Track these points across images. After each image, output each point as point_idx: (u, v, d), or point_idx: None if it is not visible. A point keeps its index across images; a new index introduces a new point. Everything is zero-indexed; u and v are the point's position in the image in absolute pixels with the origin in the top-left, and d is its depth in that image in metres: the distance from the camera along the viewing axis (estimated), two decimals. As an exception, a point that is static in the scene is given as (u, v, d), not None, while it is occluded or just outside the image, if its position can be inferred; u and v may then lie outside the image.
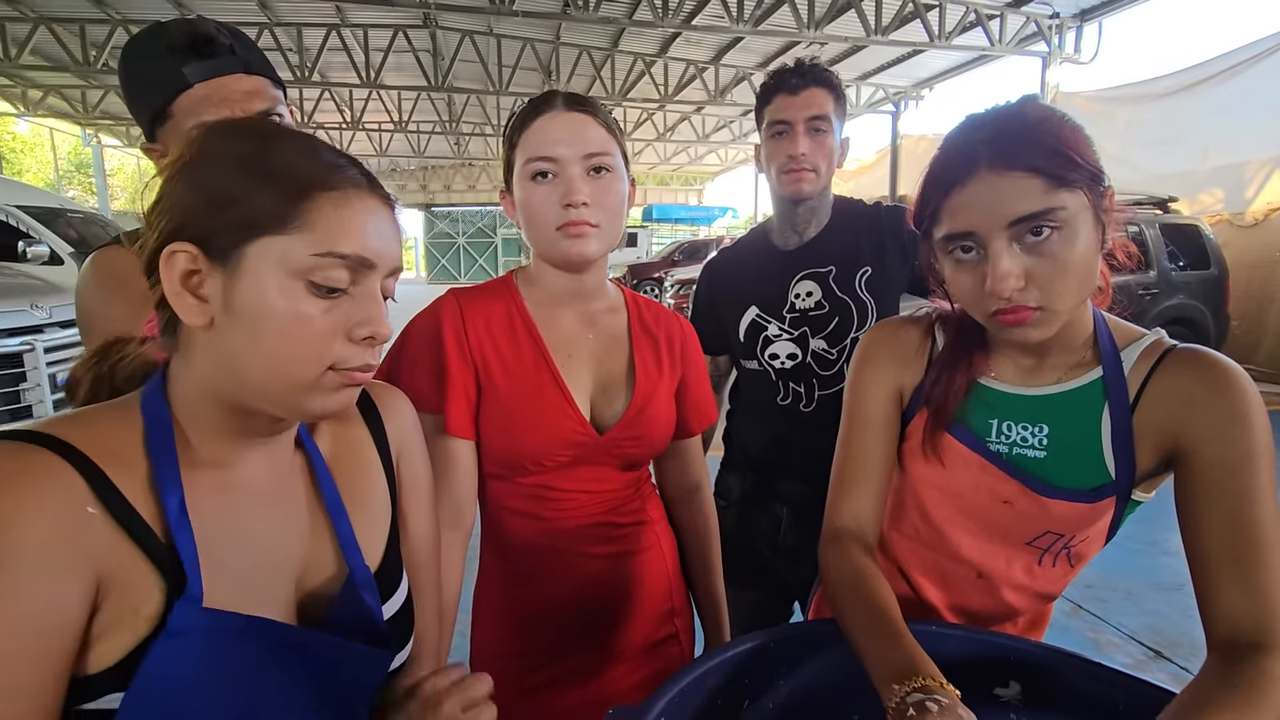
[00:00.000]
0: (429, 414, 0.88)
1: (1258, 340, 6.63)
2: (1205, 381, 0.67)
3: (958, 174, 0.67)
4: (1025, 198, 0.63)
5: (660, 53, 11.52)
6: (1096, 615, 2.54)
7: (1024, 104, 0.69)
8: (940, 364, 0.81)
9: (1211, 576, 0.64)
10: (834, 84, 1.26)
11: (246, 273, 0.48)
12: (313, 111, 14.49)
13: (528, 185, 0.87)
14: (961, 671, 0.71)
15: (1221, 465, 0.65)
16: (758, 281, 1.36)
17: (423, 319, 0.93)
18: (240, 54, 0.89)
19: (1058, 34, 8.71)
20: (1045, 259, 0.65)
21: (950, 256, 0.70)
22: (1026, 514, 0.77)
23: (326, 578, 0.59)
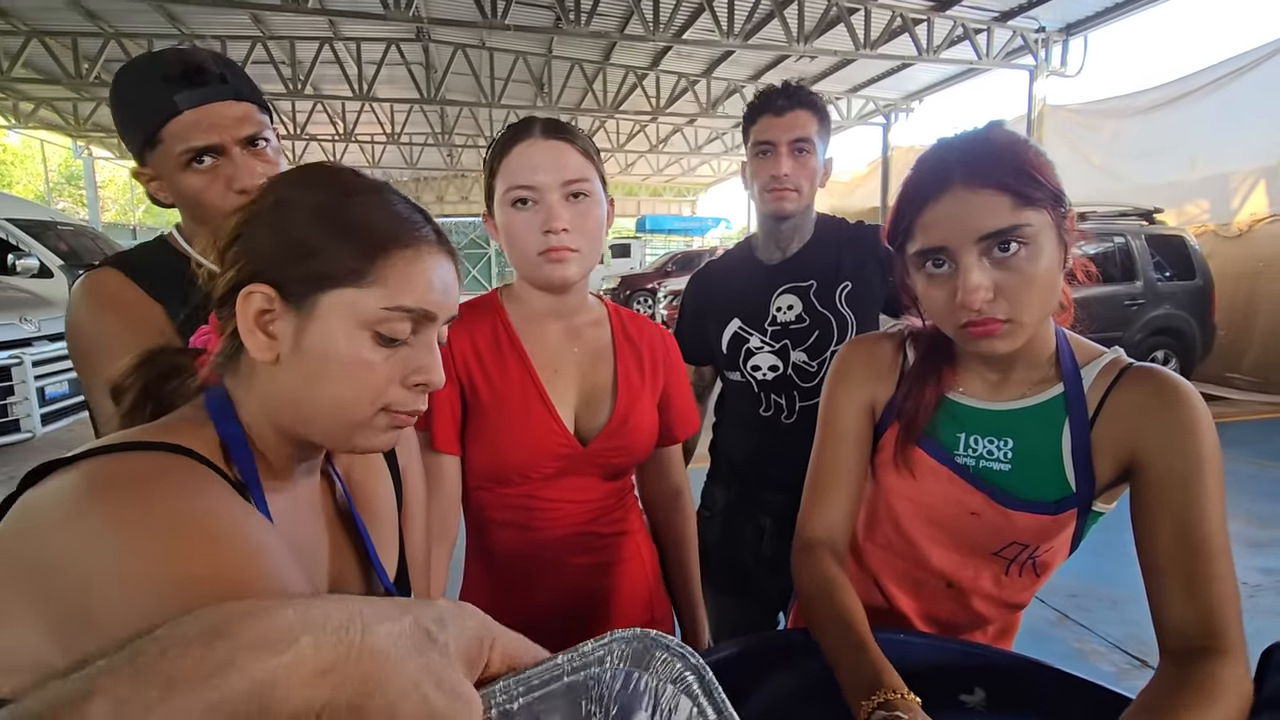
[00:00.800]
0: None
1: (1243, 350, 6.70)
2: (1158, 397, 0.70)
3: (931, 191, 0.70)
4: (994, 214, 0.67)
5: (652, 66, 11.61)
6: (1082, 625, 2.55)
7: (991, 129, 0.73)
8: (911, 379, 0.83)
9: (1162, 585, 0.66)
10: (818, 106, 1.29)
11: (318, 319, 0.51)
12: (305, 123, 14.51)
13: (509, 211, 0.90)
14: (928, 678, 0.72)
15: (1172, 478, 0.68)
16: (741, 294, 1.39)
17: None
18: (231, 82, 0.92)
19: (1044, 48, 8.83)
20: (1012, 273, 0.67)
21: (923, 271, 0.73)
22: (993, 525, 0.79)
23: (355, 589, 0.61)
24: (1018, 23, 8.66)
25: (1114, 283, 5.63)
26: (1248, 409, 6.01)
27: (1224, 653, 0.62)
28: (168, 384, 0.57)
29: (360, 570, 0.61)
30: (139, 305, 0.92)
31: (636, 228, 22.56)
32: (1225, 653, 0.62)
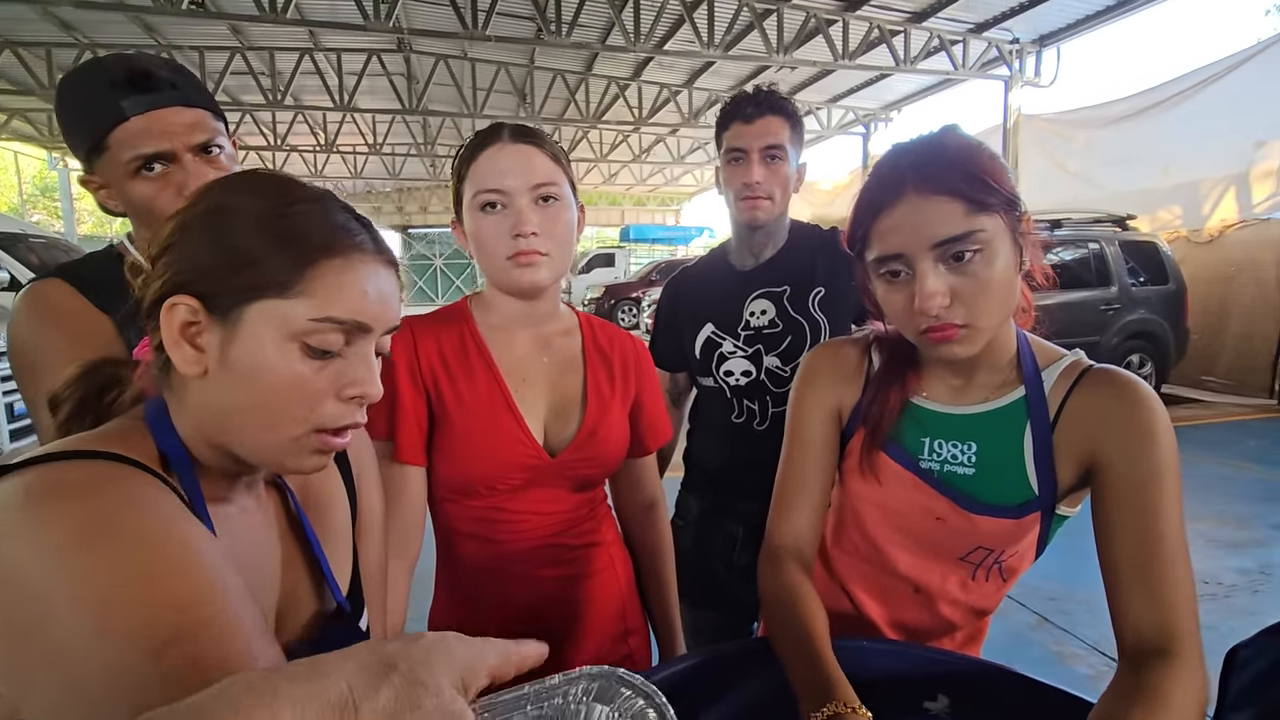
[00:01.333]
0: (379, 441, 0.88)
1: (1217, 353, 6.81)
2: (1117, 400, 0.70)
3: (885, 198, 0.70)
4: (948, 221, 0.67)
5: (634, 76, 11.67)
6: (1061, 628, 2.56)
7: (944, 134, 0.73)
8: (875, 384, 0.83)
9: (1120, 588, 0.67)
10: (790, 112, 1.29)
11: (244, 332, 0.49)
12: (286, 134, 14.43)
13: (477, 216, 0.88)
14: (891, 686, 0.72)
15: (1130, 481, 0.68)
16: (714, 299, 1.38)
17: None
18: (181, 88, 0.90)
19: (1018, 58, 8.99)
20: (968, 278, 0.68)
21: (882, 278, 0.73)
22: (957, 530, 0.79)
23: (306, 608, 0.59)
24: (992, 34, 8.82)
25: (1090, 288, 5.71)
26: (1222, 411, 6.11)
27: (1178, 655, 0.62)
28: (106, 396, 0.55)
29: (312, 583, 0.60)
30: (84, 316, 0.89)
31: (620, 237, 22.60)
32: (1180, 655, 0.62)
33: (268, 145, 14.76)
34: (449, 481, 0.93)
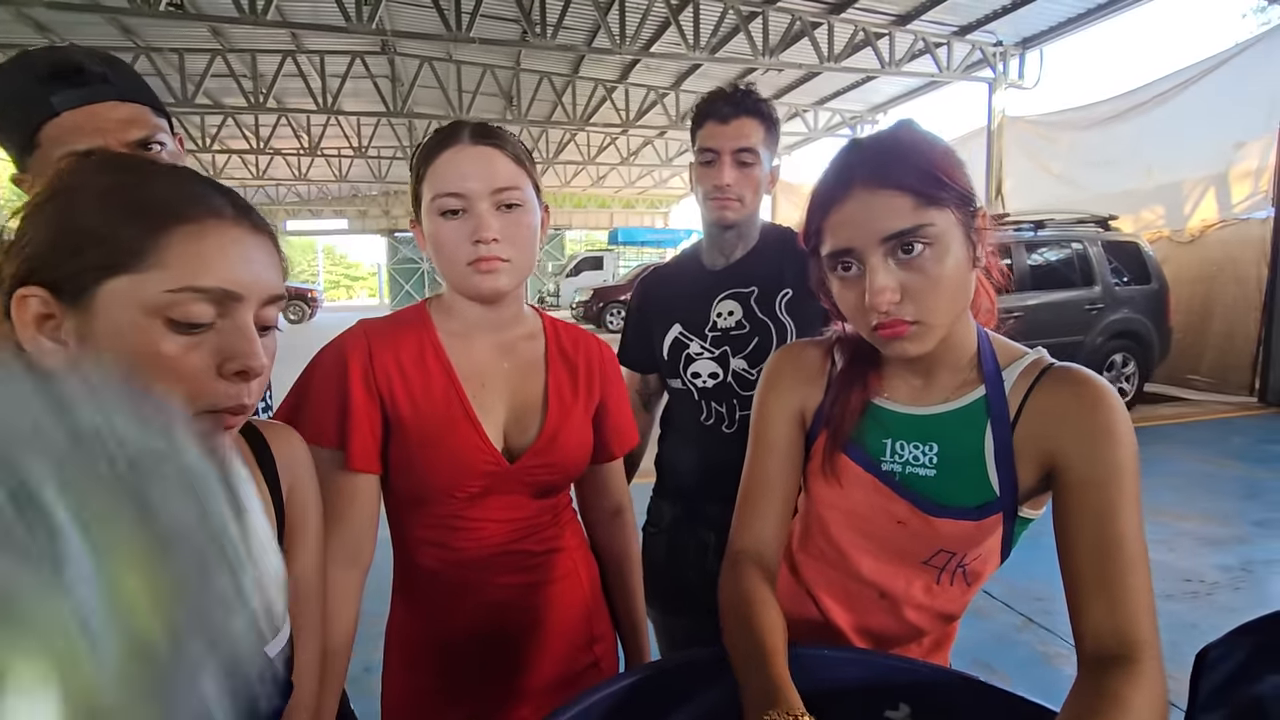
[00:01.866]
0: (330, 449, 0.85)
1: (1200, 351, 6.87)
2: (1075, 400, 0.69)
3: (835, 193, 0.69)
4: (896, 215, 0.66)
5: (621, 79, 11.68)
6: (1045, 628, 2.55)
7: (899, 128, 0.72)
8: (837, 385, 0.81)
9: (1079, 592, 0.65)
10: (765, 113, 1.26)
11: (100, 314, 0.46)
12: (269, 137, 14.32)
13: (437, 220, 0.85)
14: (852, 695, 0.70)
15: (1089, 482, 0.66)
16: (683, 299, 1.36)
17: (328, 352, 0.89)
18: (114, 82, 0.85)
19: (1002, 61, 9.06)
20: (918, 274, 0.66)
21: (835, 274, 0.72)
22: (918, 534, 0.77)
23: None
24: (976, 37, 8.89)
25: (1074, 288, 5.74)
26: (1206, 409, 6.16)
27: (1138, 661, 0.60)
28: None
29: None
30: None
31: (609, 240, 22.60)
32: (1139, 662, 0.60)
33: (250, 149, 14.66)
34: (405, 490, 0.90)
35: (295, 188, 22.92)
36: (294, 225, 27.01)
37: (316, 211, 25.87)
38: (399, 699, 0.97)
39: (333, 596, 0.83)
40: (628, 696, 0.68)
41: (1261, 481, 4.20)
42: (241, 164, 17.63)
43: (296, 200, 24.74)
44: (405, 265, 25.32)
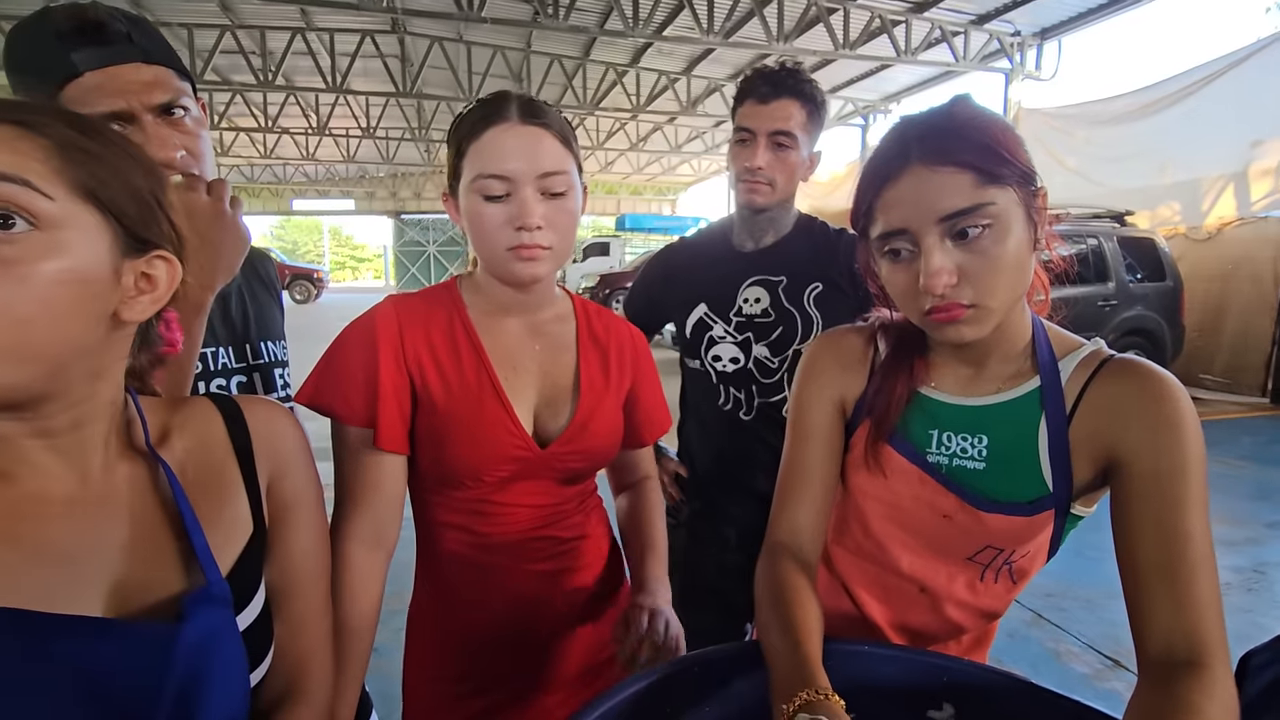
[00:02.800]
0: (358, 428, 0.83)
1: (1214, 351, 6.82)
2: (1139, 392, 0.66)
3: (890, 170, 0.66)
4: (956, 193, 0.62)
5: (632, 63, 11.57)
6: (1056, 625, 2.54)
7: (955, 103, 0.68)
8: (881, 373, 0.78)
9: (1143, 591, 0.62)
10: (807, 94, 1.21)
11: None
12: (277, 116, 14.24)
13: (476, 200, 0.81)
14: (894, 693, 0.68)
15: (1154, 476, 0.63)
16: (710, 279, 1.33)
17: (357, 327, 0.86)
18: (138, 42, 0.82)
19: (1019, 51, 8.95)
20: (977, 255, 0.63)
21: (885, 256, 0.69)
22: (965, 528, 0.74)
23: (168, 588, 0.55)
24: (994, 26, 8.76)
25: (1088, 284, 5.69)
26: (1218, 409, 6.12)
27: (1209, 667, 0.57)
28: None
29: (182, 562, 0.56)
30: None
31: (616, 226, 22.47)
32: (1210, 667, 0.57)
33: (258, 127, 14.59)
34: (432, 472, 0.87)
35: (303, 167, 22.85)
36: (300, 205, 26.98)
37: (323, 192, 25.80)
38: (421, 684, 0.95)
39: (355, 577, 0.82)
40: (656, 690, 0.65)
41: (1273, 482, 4.17)
42: (249, 142, 17.56)
43: (304, 180, 24.67)
44: (411, 247, 25.27)
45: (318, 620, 0.68)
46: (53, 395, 0.50)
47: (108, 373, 0.53)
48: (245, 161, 20.40)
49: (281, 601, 0.64)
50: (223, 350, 0.96)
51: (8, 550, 0.49)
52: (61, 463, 0.53)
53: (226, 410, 0.63)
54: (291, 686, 0.65)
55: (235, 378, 0.97)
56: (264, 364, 1.01)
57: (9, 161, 0.45)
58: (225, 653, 0.54)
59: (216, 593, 0.54)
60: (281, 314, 1.12)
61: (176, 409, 0.62)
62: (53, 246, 0.46)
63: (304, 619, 0.66)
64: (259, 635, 0.59)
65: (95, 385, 0.52)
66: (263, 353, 1.02)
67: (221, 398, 0.64)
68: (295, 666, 0.65)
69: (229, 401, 0.64)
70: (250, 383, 0.99)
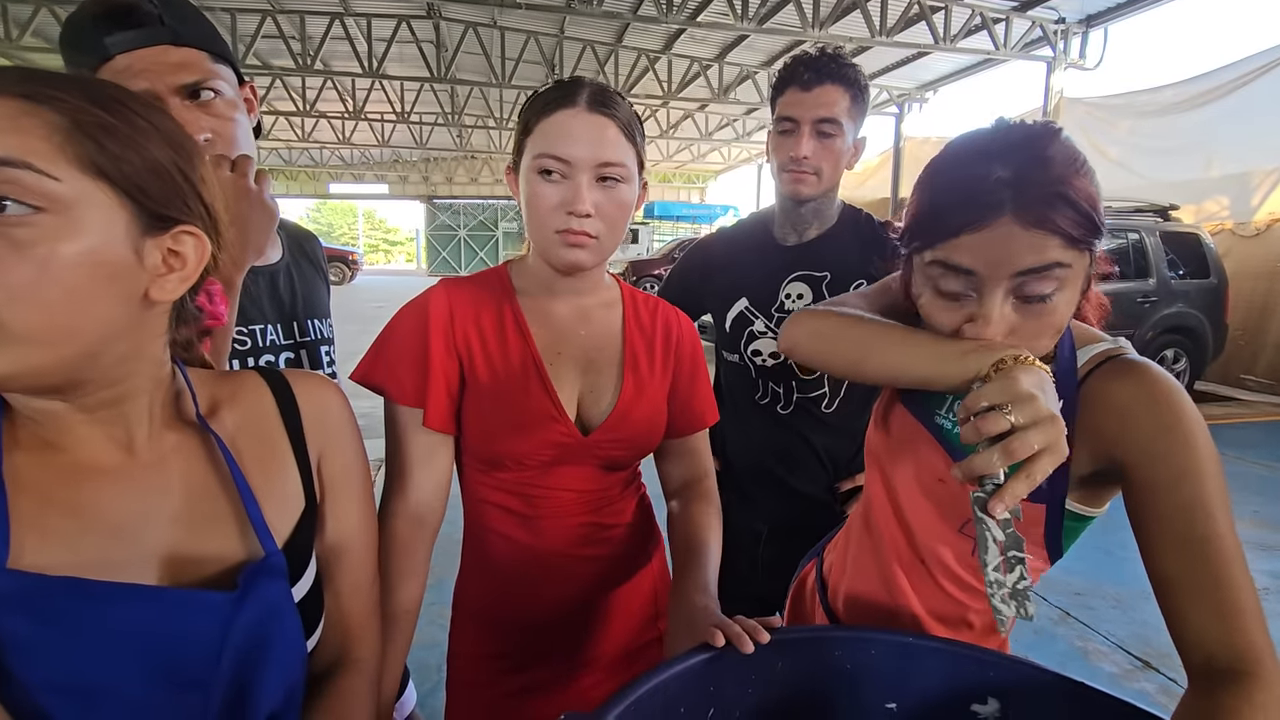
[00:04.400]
0: (409, 407, 0.86)
1: (1257, 351, 6.61)
2: (1136, 395, 0.64)
3: (977, 216, 0.62)
4: (1038, 252, 0.61)
5: (664, 49, 11.47)
6: (1084, 623, 2.52)
7: (1045, 139, 0.63)
8: None
9: (1176, 600, 0.61)
10: (851, 79, 1.19)
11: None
12: (315, 100, 14.42)
13: (534, 179, 0.83)
14: (938, 687, 0.69)
15: (1161, 483, 0.61)
16: (752, 274, 1.32)
17: (411, 310, 0.89)
18: (170, 24, 0.83)
19: (1063, 39, 8.67)
20: (1034, 315, 0.63)
21: (932, 281, 0.67)
22: (955, 495, 0.75)
23: (224, 560, 0.56)
24: (1037, 13, 8.50)
25: (1126, 280, 5.54)
26: (1259, 410, 5.94)
27: (1257, 676, 0.57)
28: None
29: (238, 533, 0.56)
30: None
31: (645, 214, 22.42)
32: (1259, 676, 0.57)
33: (296, 111, 14.77)
34: (479, 453, 0.90)
35: (339, 151, 23.10)
36: (336, 189, 27.31)
37: (358, 176, 26.08)
38: (463, 658, 0.99)
39: (402, 556, 0.85)
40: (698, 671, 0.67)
41: (1316, 487, 4.05)
42: (288, 125, 17.80)
43: (340, 164, 24.96)
44: (443, 232, 25.46)
45: (367, 591, 0.69)
46: (88, 378, 0.49)
47: (145, 350, 0.52)
48: (284, 145, 20.69)
49: (332, 573, 0.65)
50: (271, 327, 0.98)
51: (64, 518, 0.49)
52: (105, 434, 0.52)
53: (275, 384, 0.63)
54: (342, 655, 0.66)
55: (284, 354, 0.99)
56: (310, 341, 1.04)
57: (11, 143, 0.43)
58: (283, 625, 0.55)
59: (274, 564, 0.55)
60: (328, 292, 1.14)
61: (225, 382, 0.61)
62: (66, 228, 0.44)
63: (354, 589, 0.67)
64: (311, 606, 0.60)
65: (133, 364, 0.51)
66: (309, 330, 1.04)
67: (269, 371, 0.64)
68: (345, 635, 0.66)
69: (277, 375, 0.64)
70: (297, 359, 1.02)
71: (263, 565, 0.54)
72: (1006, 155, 0.62)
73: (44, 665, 0.46)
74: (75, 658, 0.47)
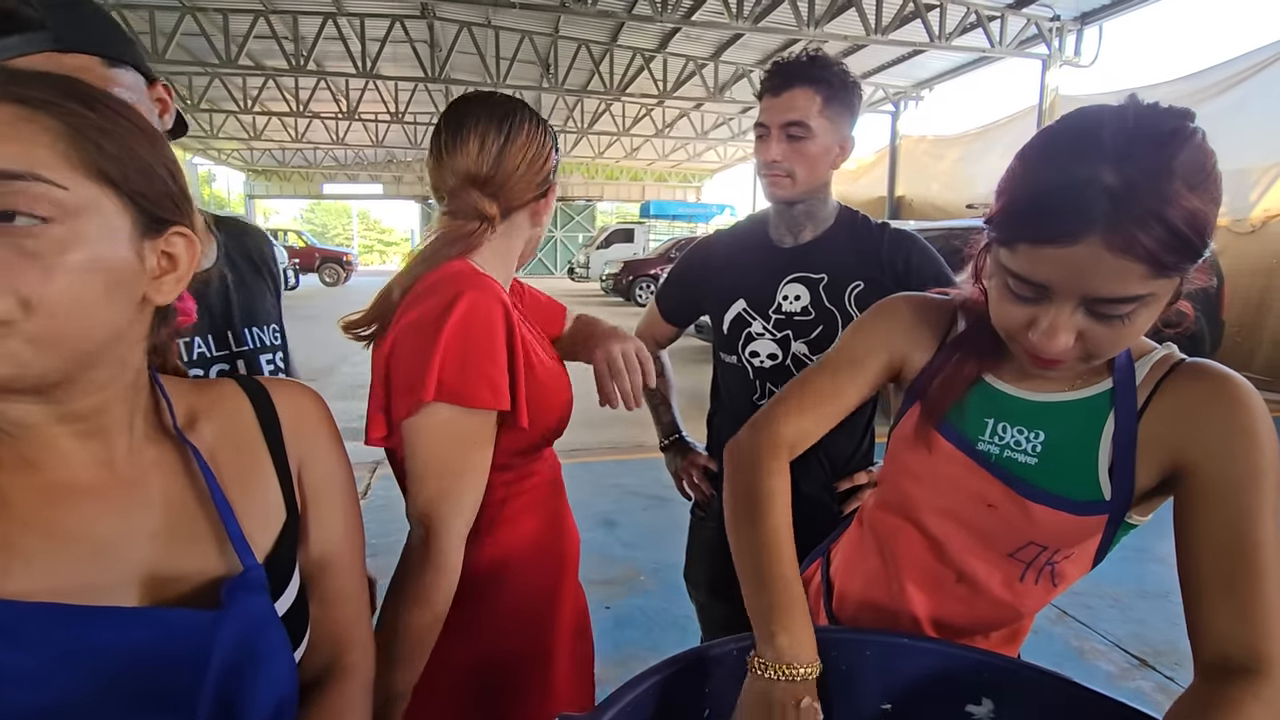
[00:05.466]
0: (492, 410, 0.80)
1: (1254, 347, 6.63)
2: (1209, 396, 0.64)
3: (1065, 232, 0.55)
4: (1119, 282, 0.56)
5: (659, 48, 11.47)
6: (1082, 622, 2.51)
7: (1172, 145, 0.54)
8: (948, 353, 0.77)
9: (1204, 596, 0.61)
10: (821, 79, 1.19)
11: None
12: (308, 100, 14.39)
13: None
14: (933, 688, 0.68)
15: (1224, 482, 0.61)
16: (749, 276, 1.33)
17: (483, 309, 0.80)
18: (54, 28, 0.75)
19: (1058, 36, 8.71)
20: (1106, 326, 0.60)
21: (1004, 280, 0.63)
22: (1009, 519, 0.73)
23: (204, 576, 0.54)
24: (1032, 10, 8.53)
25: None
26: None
27: (1266, 675, 0.56)
28: None
29: (217, 549, 0.55)
30: None
31: (641, 213, 22.44)
32: (1268, 675, 0.56)
33: (290, 111, 14.75)
34: (527, 441, 0.89)
35: (332, 152, 23.07)
36: (330, 189, 27.25)
37: (352, 176, 26.04)
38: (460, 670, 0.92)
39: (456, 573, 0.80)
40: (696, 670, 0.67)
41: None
42: (281, 126, 17.77)
43: (334, 164, 24.92)
44: (437, 232, 25.42)
45: (355, 598, 0.68)
46: (82, 380, 0.48)
47: (132, 353, 0.52)
48: (277, 145, 20.66)
49: (317, 582, 0.64)
50: (199, 340, 0.90)
51: (42, 540, 0.48)
52: (86, 449, 0.51)
53: (253, 393, 0.62)
54: (334, 662, 0.65)
55: (215, 366, 0.91)
56: (248, 350, 0.96)
57: (16, 154, 0.41)
58: (269, 639, 0.54)
59: (254, 579, 0.54)
60: (276, 296, 1.06)
61: (202, 392, 0.60)
62: (75, 236, 0.44)
63: (341, 597, 0.66)
64: (296, 618, 0.59)
65: (120, 368, 0.51)
66: (247, 339, 0.96)
67: (247, 380, 0.63)
68: (335, 643, 0.65)
69: (255, 384, 0.63)
70: (233, 370, 0.93)
71: (242, 580, 0.54)
72: (1124, 158, 0.54)
73: (24, 691, 0.45)
74: (56, 683, 0.46)
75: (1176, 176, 0.53)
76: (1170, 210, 0.53)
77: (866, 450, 1.33)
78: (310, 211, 48.48)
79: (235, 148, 21.89)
